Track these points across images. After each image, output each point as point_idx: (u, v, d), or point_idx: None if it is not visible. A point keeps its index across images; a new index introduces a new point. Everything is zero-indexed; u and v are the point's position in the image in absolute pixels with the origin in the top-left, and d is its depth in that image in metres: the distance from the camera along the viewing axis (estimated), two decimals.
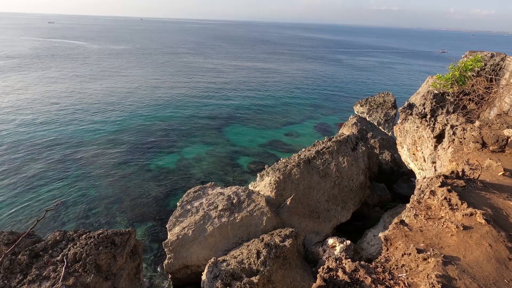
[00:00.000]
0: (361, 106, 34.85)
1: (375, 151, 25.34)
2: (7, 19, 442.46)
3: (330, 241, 15.51)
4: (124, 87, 62.07)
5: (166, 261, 15.09)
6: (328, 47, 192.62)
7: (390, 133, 30.75)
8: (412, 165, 15.56)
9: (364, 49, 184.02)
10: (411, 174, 21.80)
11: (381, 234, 5.73)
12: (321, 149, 19.45)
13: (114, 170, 29.59)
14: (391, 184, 24.57)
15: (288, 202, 17.50)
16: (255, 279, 11.75)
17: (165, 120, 44.09)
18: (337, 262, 4.58)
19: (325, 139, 21.30)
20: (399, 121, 16.89)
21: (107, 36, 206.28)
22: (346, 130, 28.03)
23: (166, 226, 16.19)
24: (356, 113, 34.65)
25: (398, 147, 17.34)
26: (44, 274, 10.06)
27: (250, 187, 19.59)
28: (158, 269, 17.95)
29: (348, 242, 15.07)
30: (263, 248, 13.28)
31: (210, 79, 73.87)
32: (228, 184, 26.71)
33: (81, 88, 59.83)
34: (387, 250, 5.11)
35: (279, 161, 20.04)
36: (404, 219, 5.98)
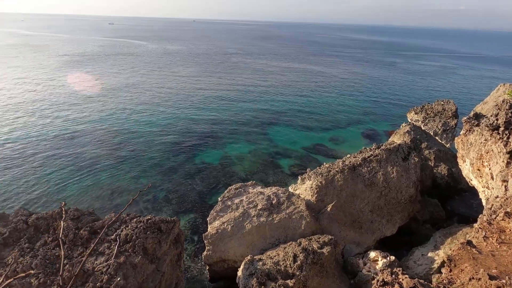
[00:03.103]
0: (416, 113, 32.29)
1: (430, 163, 23.31)
2: (74, 21, 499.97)
3: (372, 254, 14.68)
4: (176, 84, 66.03)
5: (205, 253, 15.70)
6: (382, 49, 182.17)
7: (449, 144, 28.03)
8: (475, 182, 13.99)
9: (423, 52, 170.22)
10: (472, 191, 19.61)
11: (432, 253, 5.27)
12: (368, 157, 18.50)
13: (163, 161, 31.67)
14: (445, 200, 22.37)
15: (329, 209, 16.99)
16: (290, 282, 11.64)
17: (212, 117, 45.86)
18: (393, 276, 4.33)
19: (373, 147, 20.22)
20: (462, 132, 15.29)
21: (163, 36, 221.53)
22: (397, 139, 26.24)
23: (207, 219, 16.84)
24: (410, 120, 32.23)
25: (459, 160, 15.72)
26: (100, 250, 11.20)
27: (290, 189, 19.44)
28: (196, 260, 18.77)
29: (392, 258, 14.11)
30: (300, 253, 13.09)
31: (257, 80, 74.90)
32: (268, 184, 26.83)
33: (138, 83, 65.14)
34: (450, 271, 4.66)
35: (322, 166, 19.55)
36: (471, 240, 5.40)
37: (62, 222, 4.54)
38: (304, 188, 18.39)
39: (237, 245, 15.53)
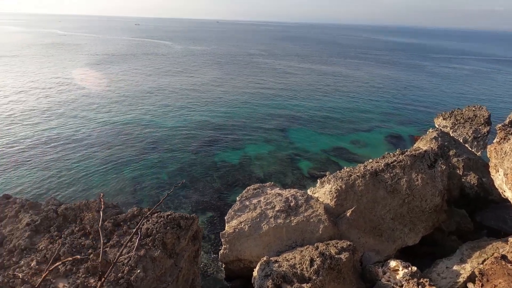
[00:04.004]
0: (444, 119, 30.82)
1: (458, 171, 22.18)
2: (105, 22, 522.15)
3: (393, 263, 14.19)
4: (198, 84, 67.28)
5: (221, 251, 15.87)
6: (409, 51, 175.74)
7: (479, 152, 26.53)
8: (508, 194, 13.15)
9: (455, 55, 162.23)
10: (504, 203, 18.45)
11: (458, 267, 5.00)
12: (391, 162, 17.92)
13: (184, 159, 32.38)
14: (474, 212, 21.18)
15: (348, 214, 16.62)
16: (306, 286, 11.51)
17: (233, 117, 46.29)
18: (420, 287, 4.18)
19: (397, 152, 19.55)
20: (495, 140, 14.42)
21: (188, 36, 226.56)
22: (423, 145, 25.20)
23: (225, 218, 17.01)
24: (437, 126, 30.83)
25: (492, 170, 14.83)
26: (122, 242, 11.62)
27: (309, 192, 19.21)
28: (213, 257, 19.01)
29: (414, 268, 13.56)
30: (317, 257, 12.91)
31: (279, 80, 74.73)
32: (286, 186, 26.68)
33: (161, 82, 67.02)
34: (481, 286, 4.42)
35: (342, 170, 19.17)
36: (506, 254, 5.09)
37: (101, 212, 4.77)
38: (323, 192, 18.12)
39: (253, 245, 15.57)
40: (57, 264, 3.09)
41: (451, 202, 19.81)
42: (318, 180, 19.36)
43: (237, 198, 18.05)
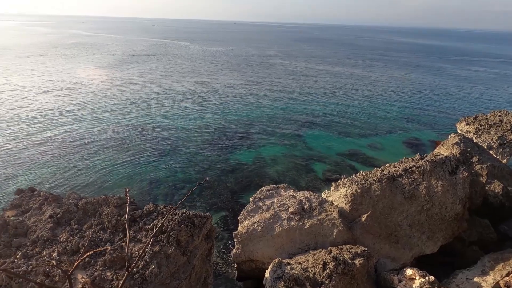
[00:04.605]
0: (467, 124, 29.67)
1: (481, 179, 21.24)
2: (125, 23, 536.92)
3: (409, 271, 13.77)
4: (215, 85, 68.00)
5: (234, 251, 15.94)
6: (430, 53, 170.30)
7: (505, 160, 25.33)
8: None
9: (479, 58, 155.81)
10: None
11: (479, 279, 4.79)
12: (409, 167, 17.41)
13: (199, 158, 32.81)
14: (498, 221, 20.23)
15: (363, 219, 16.29)
16: None
17: (248, 118, 46.46)
18: None
19: (416, 157, 18.97)
20: None
21: (205, 37, 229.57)
22: (444, 150, 24.34)
23: (238, 218, 17.08)
24: (460, 131, 29.70)
25: None
26: (138, 237, 11.91)
27: (323, 195, 18.97)
28: (226, 257, 19.13)
29: (432, 278, 13.10)
30: (330, 261, 12.73)
31: (295, 83, 74.35)
32: (300, 188, 26.47)
33: (181, 83, 68.22)
34: None
35: (358, 173, 18.82)
36: None
37: (127, 206, 4.92)
38: (338, 195, 17.85)
39: (266, 247, 15.55)
40: (88, 253, 3.24)
41: (473, 211, 19.02)
42: (332, 183, 19.10)
43: (251, 199, 18.08)
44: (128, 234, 3.37)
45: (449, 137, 27.15)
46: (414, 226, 16.33)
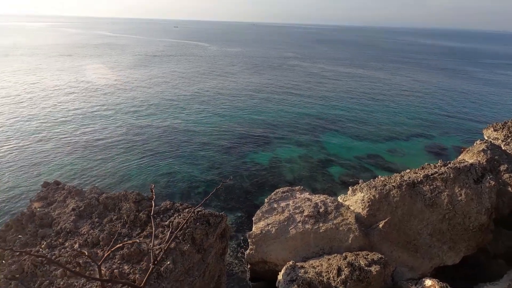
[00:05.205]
0: (495, 130, 28.15)
1: (510, 189, 20.13)
2: (147, 24, 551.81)
3: (428, 282, 13.26)
4: (235, 87, 68.49)
5: (247, 251, 15.98)
6: (458, 56, 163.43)
7: None
8: None
9: (510, 61, 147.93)
10: None
11: None
12: (431, 174, 16.79)
13: (216, 157, 33.17)
14: None
15: (381, 225, 15.86)
16: None
17: (266, 119, 46.46)
18: None
19: (439, 163, 18.29)
20: None
21: (225, 38, 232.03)
22: (470, 157, 23.25)
23: (253, 218, 17.11)
24: (487, 138, 28.25)
25: None
26: (155, 233, 12.18)
27: (340, 199, 18.66)
28: (239, 257, 19.19)
29: None
30: (345, 267, 12.48)
31: (314, 84, 73.62)
32: (316, 191, 26.13)
33: (201, 84, 69.29)
34: None
35: (376, 178, 18.37)
36: None
37: (153, 201, 5.06)
38: (355, 200, 17.48)
39: (279, 249, 15.47)
40: (118, 245, 3.35)
41: (500, 222, 18.05)
42: (349, 188, 18.74)
43: (266, 200, 18.06)
44: (154, 229, 3.45)
45: (475, 144, 25.89)
46: (434, 235, 15.73)
